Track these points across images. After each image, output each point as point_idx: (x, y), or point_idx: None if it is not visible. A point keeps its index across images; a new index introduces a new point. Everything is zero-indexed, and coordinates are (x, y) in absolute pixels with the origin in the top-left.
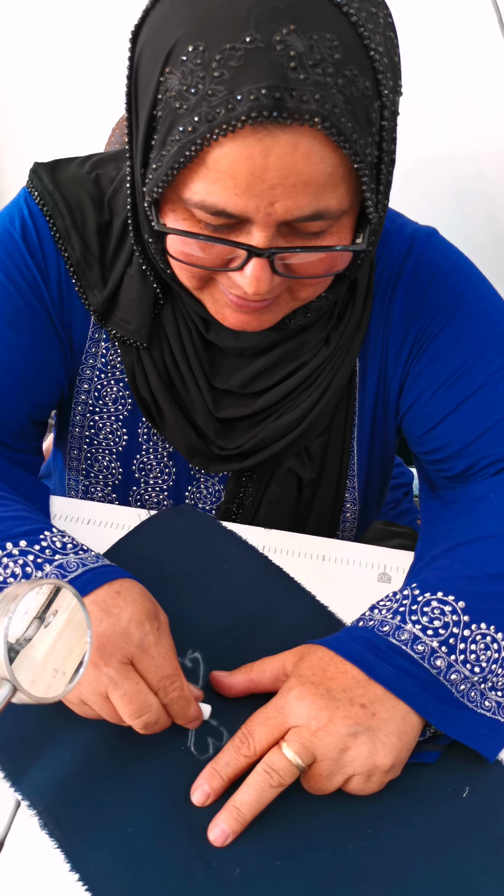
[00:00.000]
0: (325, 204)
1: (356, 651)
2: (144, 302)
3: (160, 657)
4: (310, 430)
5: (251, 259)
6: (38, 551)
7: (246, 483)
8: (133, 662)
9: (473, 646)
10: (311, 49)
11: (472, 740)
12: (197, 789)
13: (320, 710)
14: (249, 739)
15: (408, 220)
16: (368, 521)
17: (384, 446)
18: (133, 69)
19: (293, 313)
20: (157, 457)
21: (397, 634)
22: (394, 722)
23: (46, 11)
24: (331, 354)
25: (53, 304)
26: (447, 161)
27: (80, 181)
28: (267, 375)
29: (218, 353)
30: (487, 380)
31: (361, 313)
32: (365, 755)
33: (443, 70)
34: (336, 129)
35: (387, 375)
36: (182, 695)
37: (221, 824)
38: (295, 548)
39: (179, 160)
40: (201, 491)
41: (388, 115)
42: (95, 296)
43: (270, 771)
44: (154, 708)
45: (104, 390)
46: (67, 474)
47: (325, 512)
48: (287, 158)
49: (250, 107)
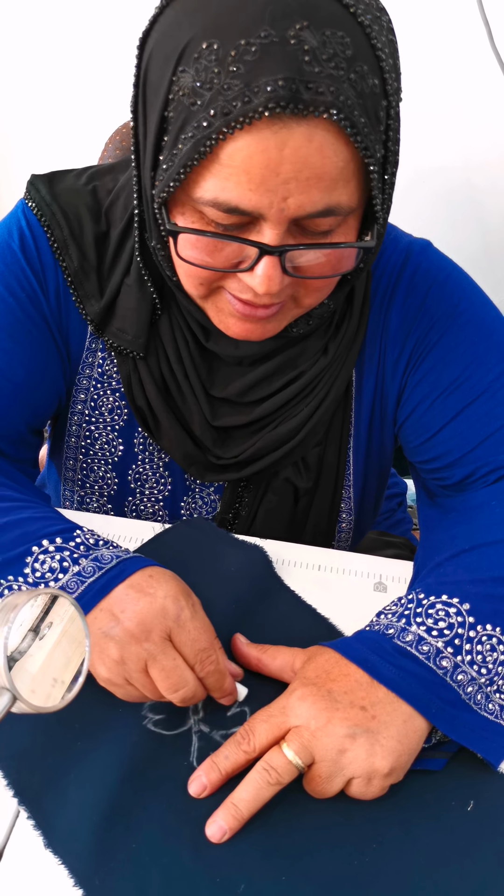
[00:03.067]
0: (336, 200)
1: (361, 653)
2: (141, 311)
3: (196, 631)
4: (307, 440)
5: (262, 258)
6: (74, 547)
7: (242, 493)
8: (171, 637)
9: (479, 646)
10: (324, 44)
11: (476, 744)
12: (194, 780)
13: (320, 710)
14: (250, 736)
15: (402, 232)
16: (364, 530)
17: (381, 456)
18: (141, 75)
19: (295, 321)
20: (152, 467)
21: (402, 636)
22: (394, 725)
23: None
24: (329, 364)
25: (52, 313)
26: (438, 173)
27: (78, 192)
28: (265, 384)
29: (215, 361)
30: (486, 388)
31: (358, 323)
32: (363, 757)
33: (433, 83)
34: (350, 121)
35: (384, 385)
36: (218, 668)
37: (219, 821)
38: (291, 558)
39: (194, 157)
40: (197, 501)
41: (394, 116)
42: (93, 305)
43: (269, 769)
44: (190, 683)
45: (100, 400)
46: (62, 485)
47: (322, 521)
48: (302, 151)
49: (268, 98)
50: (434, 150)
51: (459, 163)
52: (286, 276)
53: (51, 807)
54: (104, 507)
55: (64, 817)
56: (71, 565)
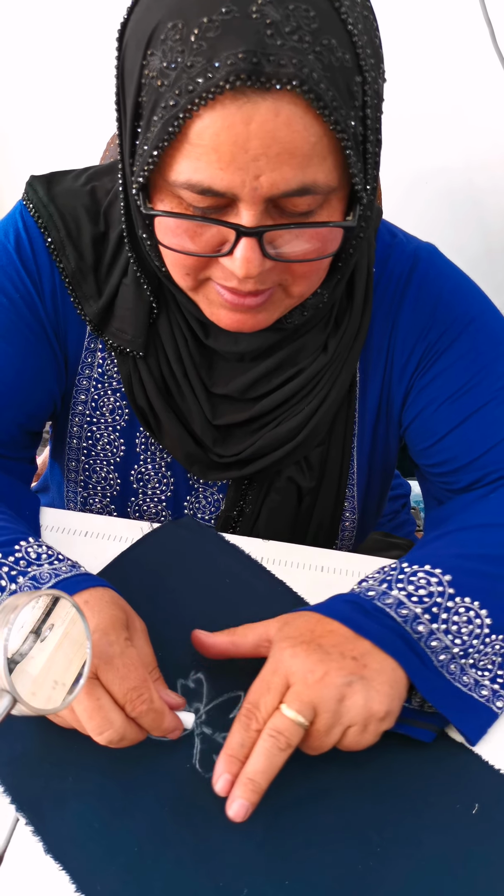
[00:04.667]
0: (311, 177)
1: (343, 610)
2: (140, 311)
3: (125, 668)
4: (309, 439)
5: (240, 240)
6: (13, 563)
7: (246, 492)
8: (97, 675)
9: (456, 617)
10: (288, 18)
11: (447, 709)
12: (219, 779)
13: (315, 663)
14: (256, 712)
15: (407, 235)
16: (367, 529)
17: (385, 456)
18: (120, 65)
19: (290, 313)
20: (155, 467)
21: (383, 598)
22: (385, 672)
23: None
24: (329, 362)
25: (47, 315)
26: (440, 174)
27: (76, 193)
28: (265, 381)
29: (216, 358)
30: (494, 395)
31: (360, 322)
32: (361, 703)
33: (436, 84)
34: (315, 94)
35: (391, 388)
36: (151, 707)
37: (238, 798)
38: (294, 559)
39: (164, 138)
40: (200, 501)
41: (372, 94)
42: (91, 306)
43: (276, 734)
44: (116, 725)
45: (101, 401)
46: (66, 486)
47: (325, 520)
48: (269, 125)
49: (228, 72)
50: (436, 150)
51: (461, 163)
52: (267, 260)
53: (50, 812)
54: (107, 508)
55: (63, 823)
56: (8, 583)
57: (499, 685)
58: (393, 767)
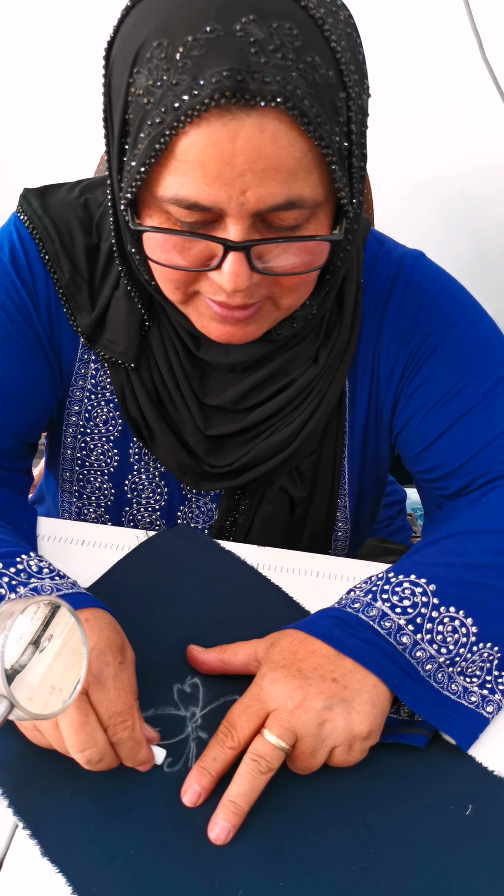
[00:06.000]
0: (297, 192)
1: (325, 628)
2: (131, 323)
3: (115, 691)
4: (301, 449)
5: (228, 254)
6: (13, 574)
7: (239, 501)
8: (88, 693)
9: (441, 627)
10: (271, 36)
11: (436, 719)
12: (187, 790)
13: (294, 689)
14: (232, 731)
15: (395, 243)
16: (361, 538)
17: (377, 465)
18: (107, 83)
19: (279, 324)
20: (148, 477)
21: (366, 611)
22: (365, 691)
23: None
24: (320, 373)
25: (42, 326)
26: (434, 184)
27: (70, 205)
28: (257, 392)
29: (208, 370)
30: (481, 398)
31: (350, 333)
32: (343, 725)
33: (428, 96)
34: (299, 110)
35: (379, 396)
36: (132, 735)
37: (220, 821)
38: (289, 564)
39: (151, 154)
40: (193, 510)
41: (356, 110)
42: (84, 318)
43: (258, 758)
44: (99, 745)
45: (94, 411)
46: (60, 496)
47: (318, 530)
48: (254, 142)
49: (213, 89)
50: (429, 161)
51: (454, 173)
52: (255, 274)
53: (47, 816)
54: (102, 518)
55: (60, 826)
56: (7, 593)
57: (487, 690)
58: (387, 770)
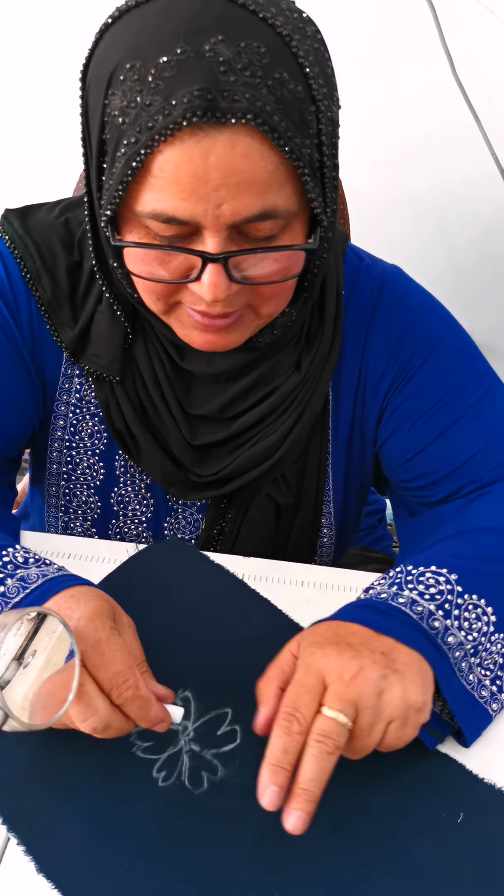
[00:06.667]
0: (271, 203)
1: (359, 614)
2: (115, 336)
3: (110, 654)
4: (286, 457)
5: (207, 266)
6: (1, 566)
7: (225, 510)
8: (84, 661)
9: (466, 613)
10: (240, 55)
11: (458, 708)
12: (265, 792)
13: (349, 660)
14: (296, 714)
15: (373, 257)
16: (345, 545)
17: (361, 473)
18: (84, 104)
19: (260, 332)
20: (134, 489)
21: (396, 599)
22: (414, 663)
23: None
24: (303, 381)
25: (24, 342)
26: (408, 200)
27: (50, 225)
28: (241, 400)
29: (192, 380)
30: (468, 411)
31: (332, 341)
32: (400, 695)
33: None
34: (269, 125)
35: (364, 406)
36: (137, 694)
37: (295, 810)
38: (275, 575)
39: (127, 173)
40: (180, 521)
41: (325, 121)
42: (67, 333)
43: (323, 738)
44: (100, 712)
45: (80, 425)
46: (46, 511)
47: (304, 537)
48: (227, 158)
49: (185, 109)
50: (403, 177)
51: (428, 189)
52: (233, 284)
53: (41, 832)
54: (88, 531)
55: (54, 841)
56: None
57: (497, 687)
58: (379, 781)
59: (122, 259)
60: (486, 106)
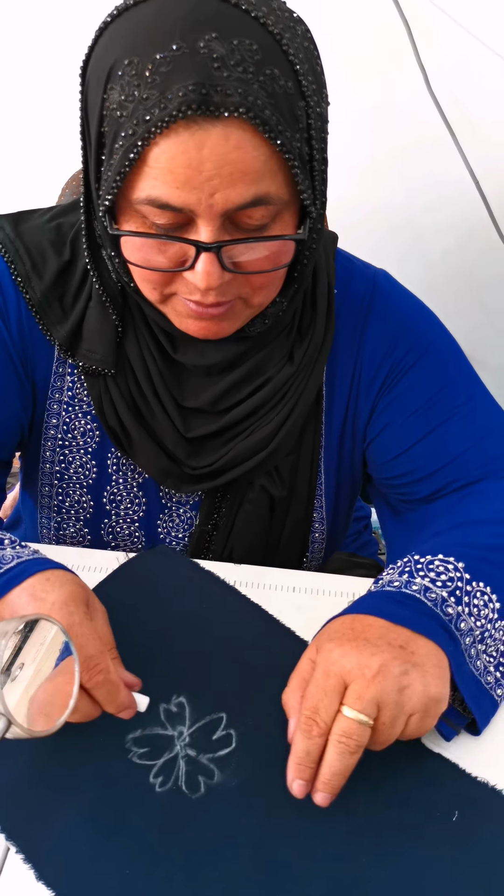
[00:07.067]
0: (264, 189)
1: (375, 604)
2: (106, 331)
3: (83, 637)
4: (279, 449)
5: (200, 255)
6: None
7: (219, 504)
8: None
9: (475, 600)
10: (233, 52)
11: (470, 695)
12: (293, 784)
13: (369, 657)
14: (316, 717)
15: (361, 261)
16: (335, 543)
17: (352, 468)
18: (84, 100)
19: (252, 321)
20: (127, 488)
21: (409, 586)
22: (432, 654)
23: None
24: (295, 372)
25: (14, 344)
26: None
27: (42, 230)
28: (235, 391)
29: (184, 373)
30: (456, 411)
31: (324, 334)
32: (420, 689)
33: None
34: (260, 119)
35: (357, 402)
36: (107, 678)
37: (321, 792)
38: (265, 581)
39: (125, 164)
40: (173, 519)
41: (315, 116)
42: (59, 330)
43: (345, 739)
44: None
45: (72, 424)
46: (38, 513)
47: (297, 531)
48: (220, 149)
49: (180, 102)
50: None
51: (403, 201)
52: (226, 273)
53: (39, 840)
54: (81, 532)
55: (53, 849)
56: None
57: (500, 673)
58: (375, 782)
59: (118, 248)
60: (460, 116)
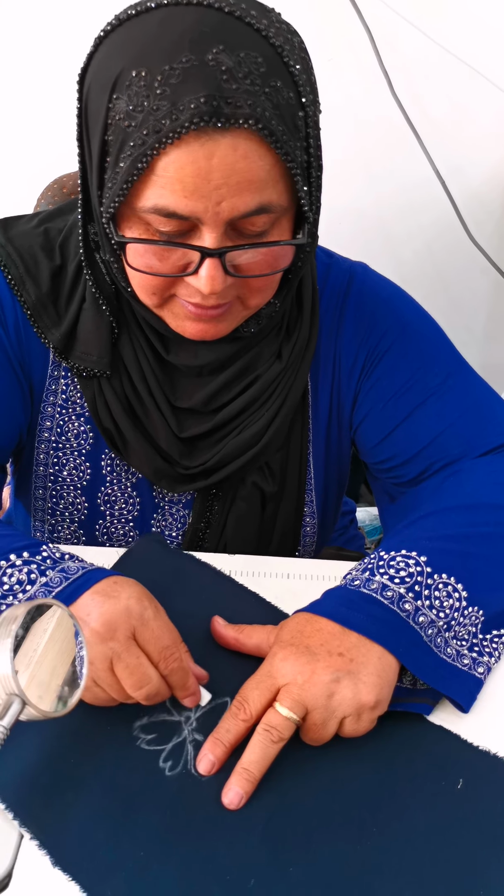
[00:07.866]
0: (267, 198)
1: (330, 607)
2: (101, 332)
3: (159, 629)
4: (269, 445)
5: (205, 260)
6: (41, 560)
7: (212, 502)
8: (135, 636)
9: (437, 592)
10: (240, 64)
11: (437, 682)
12: (202, 759)
13: (303, 665)
14: (245, 705)
15: (340, 255)
16: (326, 536)
17: (339, 460)
18: (82, 107)
19: (246, 322)
20: (121, 488)
21: (367, 585)
22: (370, 663)
23: None
24: (283, 370)
25: (11, 347)
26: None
27: (30, 234)
28: (226, 391)
29: (176, 374)
30: (435, 390)
31: (310, 331)
32: (350, 696)
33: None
34: (268, 130)
35: (340, 393)
36: (181, 665)
37: (234, 787)
38: (260, 569)
39: (133, 172)
40: (167, 518)
41: (312, 125)
42: (54, 333)
43: (270, 729)
44: (154, 680)
45: (66, 426)
46: (32, 516)
47: (289, 525)
48: (229, 159)
49: (192, 114)
50: (348, 193)
51: (372, 204)
52: (228, 277)
53: (54, 826)
54: (76, 533)
55: (68, 835)
56: (38, 577)
57: (476, 653)
58: (381, 754)
59: (119, 255)
60: (423, 118)
